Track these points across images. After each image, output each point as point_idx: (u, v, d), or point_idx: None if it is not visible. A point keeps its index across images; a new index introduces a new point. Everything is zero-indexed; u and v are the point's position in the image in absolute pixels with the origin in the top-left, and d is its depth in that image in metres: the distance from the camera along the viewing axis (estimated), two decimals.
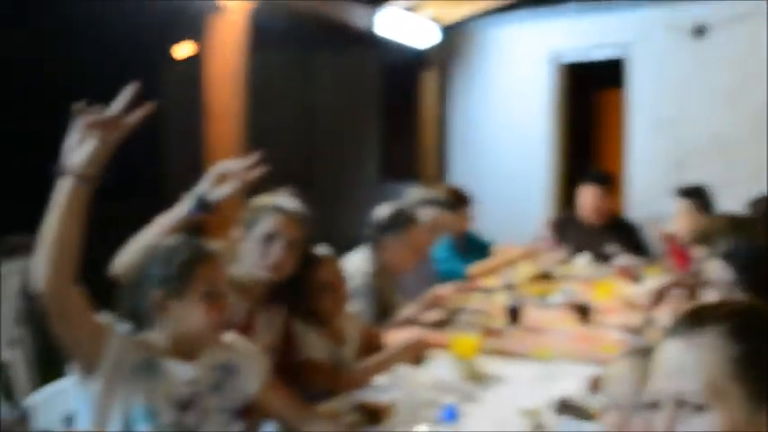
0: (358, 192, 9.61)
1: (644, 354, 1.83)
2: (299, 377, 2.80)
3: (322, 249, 3.01)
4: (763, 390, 1.15)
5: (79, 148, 1.82)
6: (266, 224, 2.61)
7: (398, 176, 9.73)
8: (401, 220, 3.71)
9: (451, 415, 1.91)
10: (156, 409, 2.03)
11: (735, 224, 2.97)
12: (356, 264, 3.66)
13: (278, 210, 2.64)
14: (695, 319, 1.23)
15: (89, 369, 1.96)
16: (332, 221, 9.85)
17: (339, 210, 9.53)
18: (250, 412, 2.40)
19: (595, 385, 2.79)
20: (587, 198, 5.39)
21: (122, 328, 2.07)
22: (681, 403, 1.19)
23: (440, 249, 4.67)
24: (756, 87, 6.03)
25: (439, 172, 7.66)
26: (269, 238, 2.60)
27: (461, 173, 7.53)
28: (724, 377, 1.16)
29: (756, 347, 1.17)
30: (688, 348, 1.21)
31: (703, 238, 3.07)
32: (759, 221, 3.13)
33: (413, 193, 4.47)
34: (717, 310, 1.25)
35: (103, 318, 2.02)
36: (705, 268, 2.33)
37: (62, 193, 1.82)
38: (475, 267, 4.71)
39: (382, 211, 3.78)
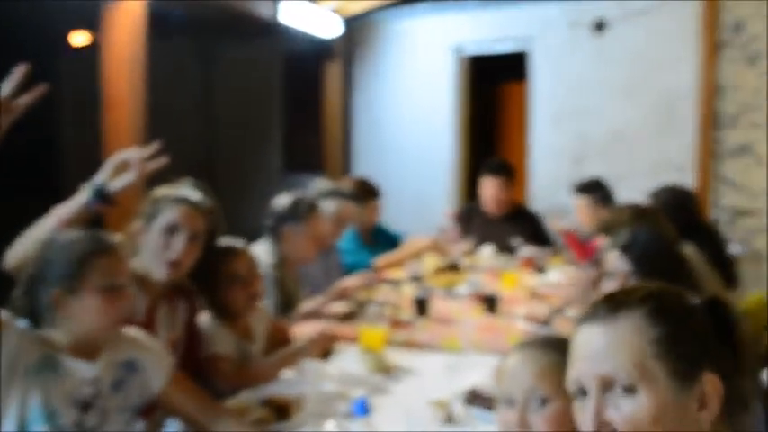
0: (261, 183, 9.45)
1: (538, 346, 1.82)
2: (205, 373, 2.73)
3: (235, 242, 2.93)
4: (686, 368, 1.17)
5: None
6: (168, 216, 2.51)
7: (302, 168, 9.64)
8: (300, 210, 3.64)
9: (363, 408, 1.87)
10: (54, 409, 1.92)
11: (636, 214, 3.04)
12: (257, 256, 3.58)
13: (180, 201, 2.53)
14: (612, 305, 1.24)
15: None
16: (234, 213, 9.70)
17: (241, 201, 9.36)
18: (152, 410, 2.31)
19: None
20: (487, 189, 5.43)
21: (20, 324, 1.95)
22: (607, 386, 1.20)
23: (346, 241, 4.64)
24: (654, 82, 6.20)
25: (344, 164, 7.62)
26: (170, 231, 2.50)
27: (366, 165, 7.51)
28: (648, 358, 1.18)
29: (674, 328, 1.20)
30: (608, 332, 1.22)
31: (605, 228, 3.13)
32: (660, 212, 3.20)
33: (318, 185, 4.42)
34: (632, 294, 1.26)
35: (1, 314, 1.90)
36: (605, 259, 2.36)
37: None
38: (381, 259, 4.69)
39: (281, 200, 3.71)
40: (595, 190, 4.79)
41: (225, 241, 2.91)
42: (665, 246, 2.34)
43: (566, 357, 1.76)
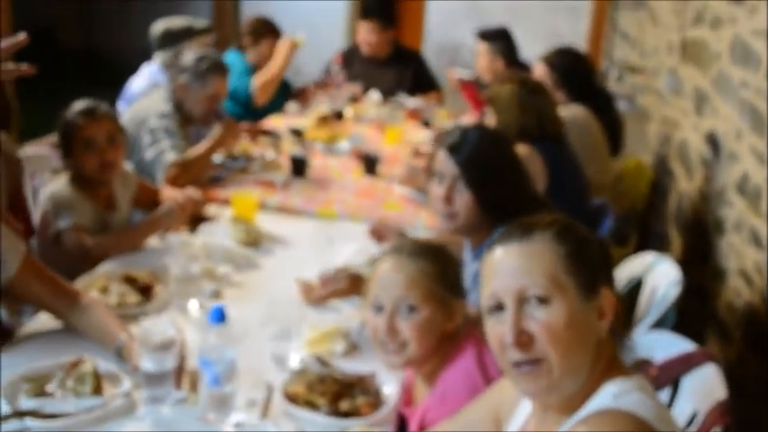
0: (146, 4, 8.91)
1: (408, 253, 1.79)
2: (58, 247, 2.60)
3: (97, 104, 2.72)
4: (588, 283, 1.32)
5: None
6: None
7: None
8: (205, 68, 3.39)
9: (218, 316, 1.80)
10: None
11: (519, 86, 2.96)
12: (151, 103, 3.38)
13: None
14: (525, 228, 1.38)
15: None
16: (112, 29, 9.18)
17: (121, 17, 8.85)
18: (7, 295, 2.19)
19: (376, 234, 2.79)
20: (360, 34, 5.22)
21: None
22: (523, 300, 1.32)
23: (235, 63, 4.40)
24: None
25: None
26: None
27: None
28: (559, 271, 1.31)
29: (578, 247, 1.34)
30: (522, 250, 1.35)
31: (488, 99, 3.06)
32: (541, 85, 3.12)
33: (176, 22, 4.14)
34: (540, 220, 1.40)
35: None
36: (435, 158, 2.25)
37: None
38: (258, 77, 4.49)
39: (187, 55, 3.43)
40: (499, 39, 4.64)
41: (87, 102, 2.71)
42: (497, 150, 2.24)
43: (435, 265, 1.77)
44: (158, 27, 4.11)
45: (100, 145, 2.66)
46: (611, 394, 1.28)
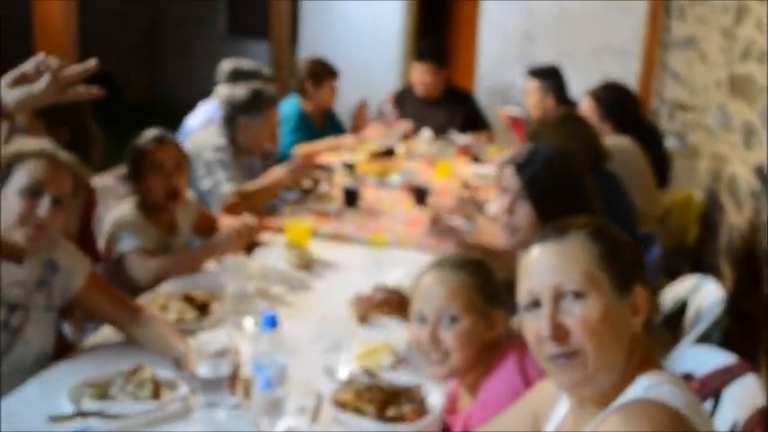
0: (204, 48, 9.23)
1: (450, 266, 1.88)
2: (121, 269, 2.73)
3: (163, 132, 2.89)
4: (622, 280, 1.38)
5: (18, 87, 1.72)
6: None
7: (248, 32, 9.39)
8: (259, 103, 3.56)
9: (271, 322, 1.90)
10: None
11: (562, 120, 3.03)
12: (207, 137, 3.54)
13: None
14: (560, 228, 1.45)
15: None
16: (177, 79, 9.52)
17: (185, 67, 9.17)
18: (71, 311, 2.34)
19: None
20: (415, 75, 5.35)
21: None
22: (559, 296, 1.38)
23: (288, 118, 4.55)
24: None
25: (290, 32, 7.41)
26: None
27: (312, 35, 7.32)
28: (593, 268, 1.37)
29: (611, 246, 1.40)
30: (558, 249, 1.41)
31: (531, 135, 3.12)
32: (584, 120, 3.17)
33: (242, 65, 4.32)
34: (575, 221, 1.46)
35: None
36: (502, 172, 2.34)
37: None
38: (301, 146, 4.60)
39: (240, 91, 3.60)
40: (549, 77, 4.73)
41: (155, 130, 2.88)
42: (561, 168, 2.32)
43: (476, 277, 1.85)
44: (227, 65, 4.30)
45: (167, 169, 2.82)
46: (644, 386, 1.33)
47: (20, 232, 2.02)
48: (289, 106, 4.68)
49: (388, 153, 4.71)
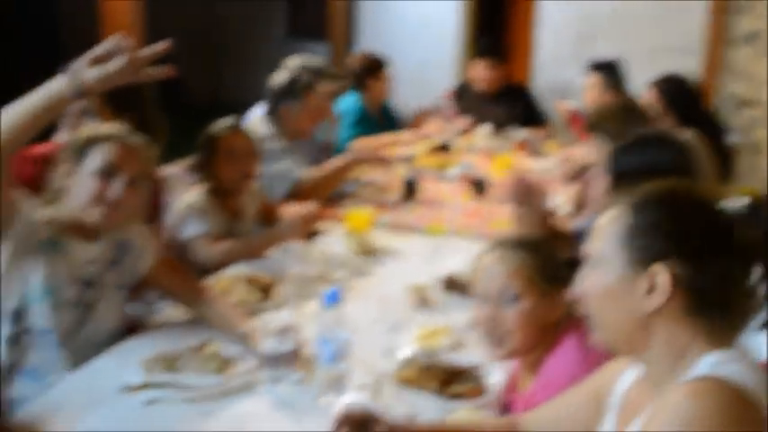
0: (264, 50, 9.35)
1: (510, 246, 1.88)
2: (188, 251, 2.81)
3: (233, 119, 2.98)
4: (642, 255, 1.33)
5: (98, 65, 1.77)
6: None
7: (307, 36, 9.49)
8: (297, 88, 3.62)
9: (334, 298, 1.94)
10: (55, 285, 2.05)
11: (624, 110, 3.02)
12: (252, 130, 3.60)
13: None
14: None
15: None
16: (237, 81, 9.65)
17: (245, 69, 9.30)
18: (140, 290, 2.41)
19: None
20: (475, 71, 5.39)
21: (32, 204, 2.07)
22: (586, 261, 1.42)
23: (349, 112, 4.61)
24: None
25: (348, 33, 7.48)
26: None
27: (370, 36, 7.38)
28: (617, 242, 1.36)
29: (644, 221, 1.35)
30: (604, 217, 1.41)
31: (592, 124, 3.10)
32: (645, 113, 3.15)
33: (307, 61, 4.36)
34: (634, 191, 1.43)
35: (18, 193, 2.01)
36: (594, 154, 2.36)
37: (53, 88, 1.78)
38: (361, 140, 4.63)
39: (278, 77, 3.68)
40: (609, 71, 4.71)
41: (229, 119, 2.96)
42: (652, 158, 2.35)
43: (537, 257, 1.85)
44: (296, 61, 4.36)
45: (240, 156, 2.91)
46: (709, 364, 1.31)
47: (94, 212, 2.09)
48: (349, 102, 4.74)
49: (444, 148, 4.73)
